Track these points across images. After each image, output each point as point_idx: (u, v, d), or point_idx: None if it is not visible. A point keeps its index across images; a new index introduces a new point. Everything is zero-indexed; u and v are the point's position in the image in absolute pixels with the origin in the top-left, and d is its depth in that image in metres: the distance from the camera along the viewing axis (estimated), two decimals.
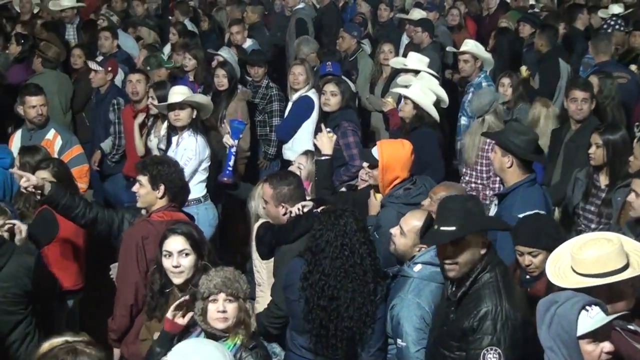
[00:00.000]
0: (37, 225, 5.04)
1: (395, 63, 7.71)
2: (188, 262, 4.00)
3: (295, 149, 7.01)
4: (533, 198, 4.80)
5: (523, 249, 4.15)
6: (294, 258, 4.43)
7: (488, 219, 4.12)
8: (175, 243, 4.00)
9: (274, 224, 4.75)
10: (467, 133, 6.69)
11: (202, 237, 4.20)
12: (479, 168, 6.37)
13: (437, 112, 6.27)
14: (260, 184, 4.94)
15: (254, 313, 3.70)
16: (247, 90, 7.89)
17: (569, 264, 3.35)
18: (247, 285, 3.62)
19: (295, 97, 7.28)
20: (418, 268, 4.12)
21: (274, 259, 4.73)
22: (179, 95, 6.14)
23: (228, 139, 5.85)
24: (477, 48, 7.73)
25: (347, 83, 7.17)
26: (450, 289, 3.67)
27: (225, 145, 5.77)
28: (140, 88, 7.16)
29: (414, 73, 7.12)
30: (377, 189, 5.13)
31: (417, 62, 7.25)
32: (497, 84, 7.39)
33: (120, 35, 9.57)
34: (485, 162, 6.27)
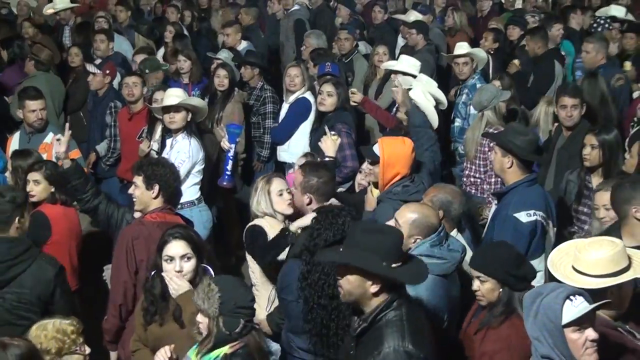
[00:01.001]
0: (30, 228, 5.04)
1: (387, 65, 7.72)
2: (190, 266, 4.00)
3: (292, 151, 7.01)
4: (531, 198, 4.82)
5: (474, 272, 3.93)
6: (289, 259, 4.45)
7: (370, 258, 3.31)
8: (177, 248, 3.99)
9: (260, 237, 4.76)
10: (469, 127, 6.75)
11: (200, 239, 4.21)
12: (477, 162, 6.40)
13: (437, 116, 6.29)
14: (259, 182, 4.97)
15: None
16: (243, 93, 7.90)
17: (571, 263, 3.45)
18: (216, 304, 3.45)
19: (292, 98, 7.26)
20: None
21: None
22: (174, 98, 6.13)
23: (225, 143, 5.84)
24: (472, 49, 7.76)
25: (344, 84, 7.15)
26: (355, 322, 3.47)
27: (223, 150, 5.77)
28: (137, 91, 7.17)
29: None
30: (376, 185, 5.14)
31: (408, 65, 7.26)
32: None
33: (117, 38, 9.56)
34: (483, 156, 6.31)
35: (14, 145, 6.62)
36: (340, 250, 3.44)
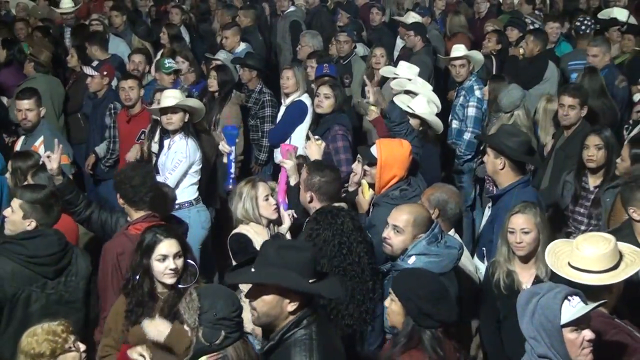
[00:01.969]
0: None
1: (386, 72, 7.73)
2: (181, 263, 4.09)
3: None
4: (526, 199, 4.81)
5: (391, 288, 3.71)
6: None
7: (290, 276, 3.21)
8: (171, 246, 4.07)
9: (248, 246, 4.75)
10: (493, 127, 6.73)
11: (183, 236, 4.34)
12: None
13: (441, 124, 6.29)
14: (242, 188, 4.91)
15: None
16: (240, 95, 7.90)
17: (567, 260, 3.53)
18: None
19: (288, 101, 7.27)
20: (412, 260, 4.16)
21: None
22: (172, 99, 6.15)
23: (224, 146, 5.81)
24: (469, 51, 7.78)
25: (341, 87, 7.16)
26: (262, 340, 3.38)
27: (223, 153, 5.74)
28: (133, 94, 7.16)
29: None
30: (373, 187, 5.14)
31: (407, 71, 7.28)
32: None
33: (113, 40, 9.56)
34: None
35: (18, 148, 6.62)
36: (253, 271, 3.25)
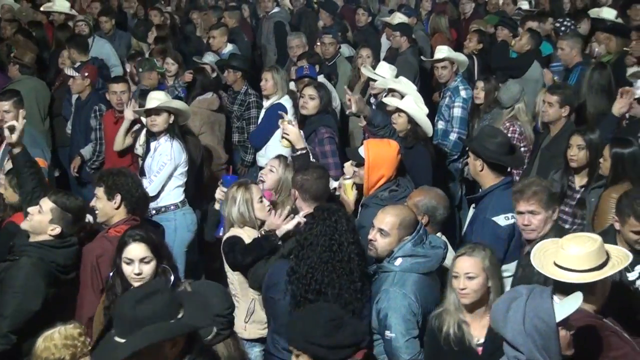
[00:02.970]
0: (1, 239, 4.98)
1: (366, 72, 7.74)
2: (149, 268, 3.99)
3: (269, 156, 6.83)
4: (507, 201, 4.79)
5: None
6: (277, 260, 4.46)
7: (162, 327, 2.94)
8: (137, 250, 3.97)
9: (238, 242, 4.71)
10: (492, 122, 6.83)
11: (161, 241, 4.20)
12: None
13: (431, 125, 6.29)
14: (236, 192, 4.85)
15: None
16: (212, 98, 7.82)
17: (552, 259, 3.52)
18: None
19: (267, 104, 7.26)
20: (399, 262, 4.18)
21: None
22: (155, 101, 6.14)
23: (221, 194, 5.25)
24: (452, 53, 7.79)
25: (326, 87, 7.16)
26: None
27: (217, 201, 5.24)
28: (125, 98, 7.13)
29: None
30: (360, 187, 5.15)
31: (388, 72, 7.30)
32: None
33: (98, 41, 9.51)
34: None
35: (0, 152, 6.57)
36: (123, 342, 2.92)
